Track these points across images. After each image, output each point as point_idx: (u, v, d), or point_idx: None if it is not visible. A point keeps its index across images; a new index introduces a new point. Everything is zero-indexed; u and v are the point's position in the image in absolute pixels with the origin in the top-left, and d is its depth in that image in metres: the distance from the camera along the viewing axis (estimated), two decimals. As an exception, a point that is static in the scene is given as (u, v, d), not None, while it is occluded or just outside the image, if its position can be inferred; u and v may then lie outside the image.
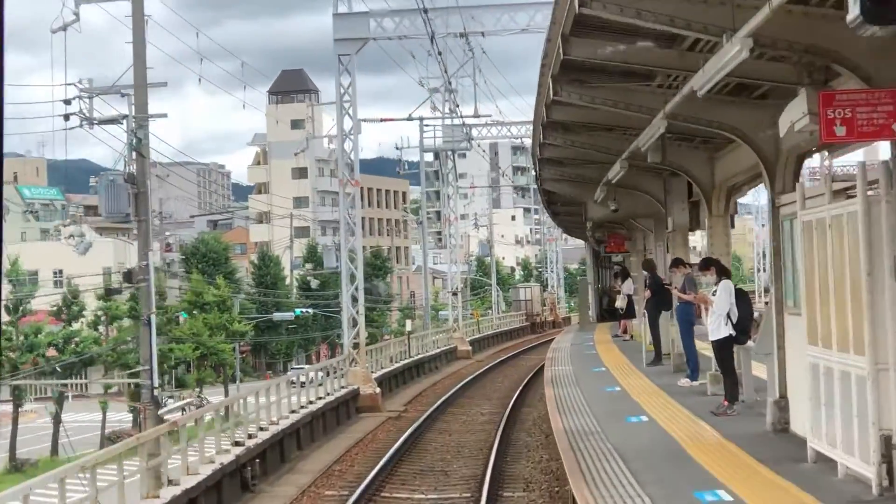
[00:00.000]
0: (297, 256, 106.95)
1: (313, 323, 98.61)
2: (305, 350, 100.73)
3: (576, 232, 46.62)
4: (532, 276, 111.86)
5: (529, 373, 44.19)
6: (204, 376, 73.93)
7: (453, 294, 52.35)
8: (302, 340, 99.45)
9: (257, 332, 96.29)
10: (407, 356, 42.91)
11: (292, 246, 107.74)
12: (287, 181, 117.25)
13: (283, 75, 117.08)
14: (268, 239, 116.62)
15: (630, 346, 32.70)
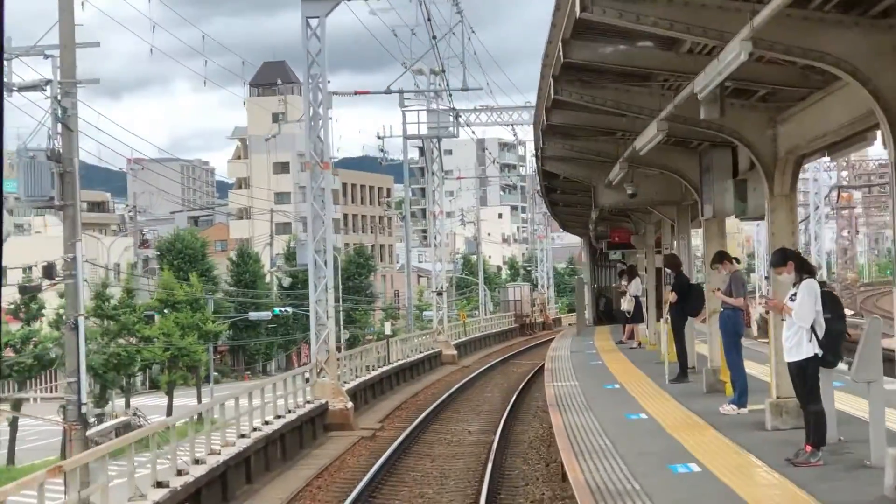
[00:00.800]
0: (277, 254, 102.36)
1: (294, 322, 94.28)
2: (286, 350, 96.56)
3: (573, 225, 41.98)
4: (519, 276, 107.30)
5: (521, 381, 39.65)
6: (176, 378, 69.17)
7: (438, 294, 47.73)
8: (282, 340, 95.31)
9: (236, 332, 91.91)
10: (386, 362, 38.26)
11: (272, 243, 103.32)
12: (268, 176, 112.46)
13: (265, 67, 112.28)
14: (248, 235, 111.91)
15: (639, 355, 28.15)
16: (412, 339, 43.42)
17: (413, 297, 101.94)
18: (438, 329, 47.04)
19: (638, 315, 30.64)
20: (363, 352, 35.78)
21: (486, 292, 71.90)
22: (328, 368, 27.78)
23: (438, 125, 45.58)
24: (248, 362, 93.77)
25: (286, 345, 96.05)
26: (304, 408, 26.27)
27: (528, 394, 36.10)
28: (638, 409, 17.17)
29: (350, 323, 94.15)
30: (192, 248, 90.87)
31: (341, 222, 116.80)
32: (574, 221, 38.80)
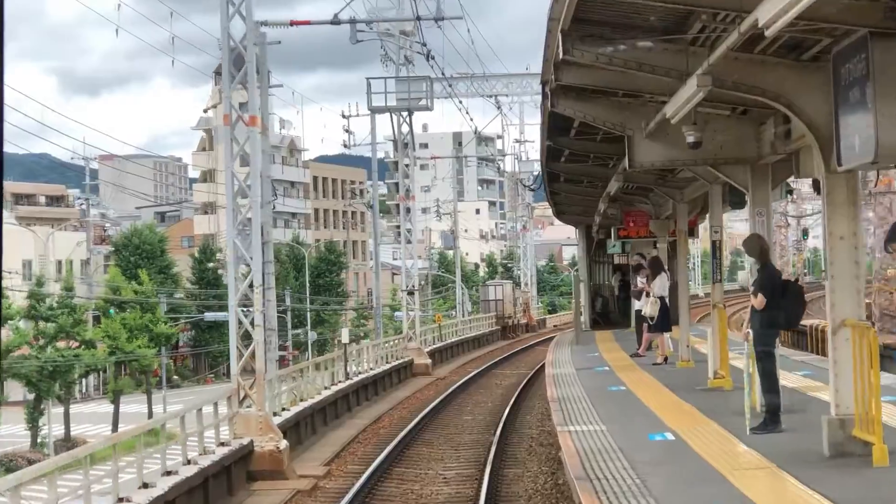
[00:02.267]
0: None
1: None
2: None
3: (572, 211, 34.23)
4: (497, 273, 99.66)
5: (509, 397, 32.10)
6: (122, 386, 61.32)
7: (409, 294, 40.06)
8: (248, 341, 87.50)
9: (199, 333, 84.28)
10: (345, 377, 30.57)
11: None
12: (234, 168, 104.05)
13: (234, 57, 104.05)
14: (212, 231, 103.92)
15: (672, 376, 20.60)
16: (378, 347, 35.65)
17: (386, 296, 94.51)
18: (409, 334, 39.36)
19: (664, 321, 23.11)
20: (313, 366, 27.99)
21: (463, 291, 64.22)
22: (254, 395, 20.02)
23: (409, 96, 37.98)
24: (212, 365, 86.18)
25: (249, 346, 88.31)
26: (220, 452, 18.54)
27: (518, 416, 28.55)
28: (729, 494, 9.61)
29: (319, 324, 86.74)
30: (149, 244, 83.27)
31: (312, 217, 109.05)
32: (576, 205, 31.18)
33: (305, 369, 27.38)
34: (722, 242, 18.15)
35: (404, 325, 39.60)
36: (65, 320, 56.44)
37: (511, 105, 49.76)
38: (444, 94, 38.66)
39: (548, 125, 16.70)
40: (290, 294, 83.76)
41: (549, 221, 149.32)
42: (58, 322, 56.15)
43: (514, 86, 38.86)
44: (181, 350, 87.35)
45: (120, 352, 61.45)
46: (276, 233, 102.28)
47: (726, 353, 17.79)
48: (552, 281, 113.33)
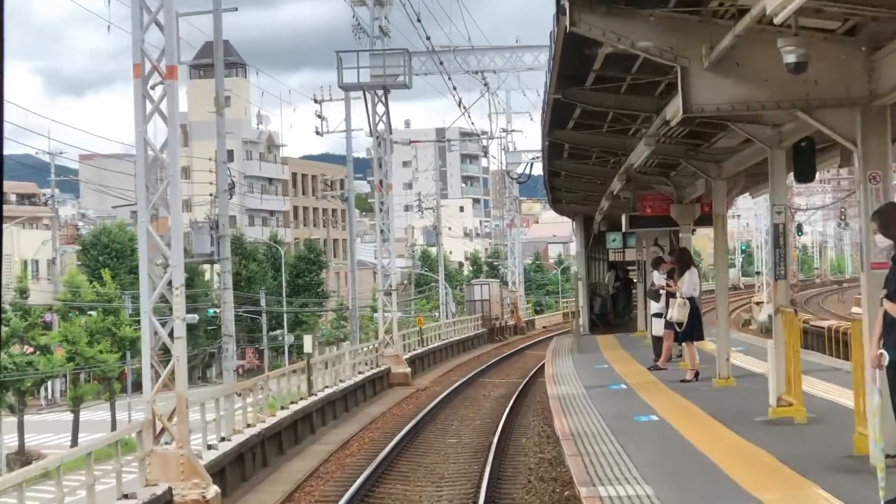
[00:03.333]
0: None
1: (238, 322, 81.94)
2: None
3: (572, 199, 29.23)
4: (482, 272, 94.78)
5: (499, 413, 27.36)
6: (82, 393, 56.31)
7: (386, 294, 35.15)
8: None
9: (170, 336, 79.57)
10: (308, 393, 25.71)
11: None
12: (210, 165, 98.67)
13: (207, 47, 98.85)
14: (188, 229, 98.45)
15: (714, 399, 15.89)
16: (349, 355, 30.70)
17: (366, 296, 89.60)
18: (386, 339, 34.47)
19: (695, 327, 18.37)
20: (262, 384, 23.08)
21: (447, 291, 59.34)
22: (174, 428, 15.10)
23: (385, 71, 33.12)
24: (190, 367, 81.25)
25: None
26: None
27: (511, 436, 23.77)
28: None
29: (297, 325, 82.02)
30: (119, 243, 78.30)
31: (290, 215, 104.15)
32: (577, 190, 26.21)
33: (258, 386, 22.49)
34: (786, 227, 13.38)
35: (380, 330, 34.74)
36: (17, 323, 51.63)
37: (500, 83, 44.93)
38: (425, 71, 33.88)
39: (559, 63, 11.82)
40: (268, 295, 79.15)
41: (534, 219, 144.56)
42: (9, 325, 51.24)
43: (503, 59, 34.08)
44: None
45: (80, 357, 56.72)
46: (253, 231, 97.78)
47: (798, 372, 13.03)
48: (538, 280, 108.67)
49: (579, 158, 21.13)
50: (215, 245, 30.80)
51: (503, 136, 56.20)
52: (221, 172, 30.89)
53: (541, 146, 20.96)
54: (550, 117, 16.14)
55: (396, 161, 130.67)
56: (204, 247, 31.03)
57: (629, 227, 22.26)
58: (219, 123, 30.62)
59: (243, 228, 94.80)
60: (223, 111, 30.80)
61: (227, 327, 30.78)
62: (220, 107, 30.69)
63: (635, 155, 15.41)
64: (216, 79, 30.79)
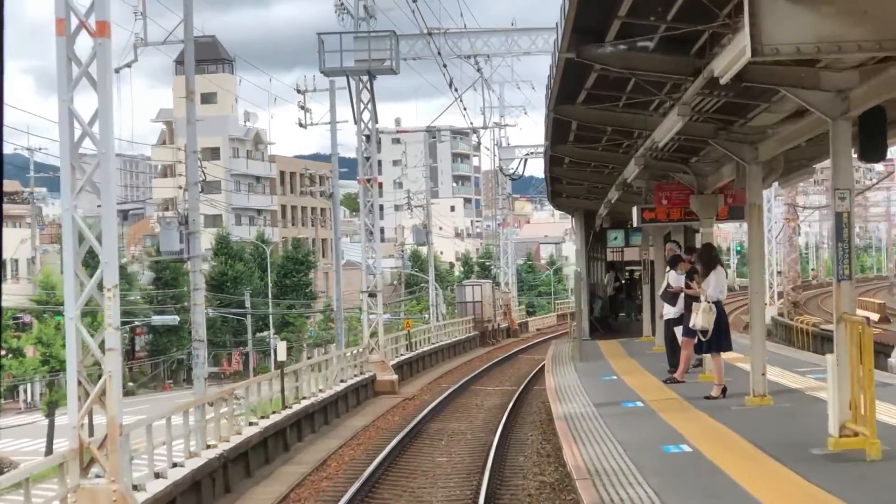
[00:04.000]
0: (206, 248, 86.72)
1: (223, 324, 79.32)
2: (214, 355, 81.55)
3: (574, 192, 26.46)
4: (473, 273, 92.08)
5: (493, 425, 24.74)
6: (57, 398, 53.55)
7: (370, 296, 32.41)
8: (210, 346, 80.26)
9: (156, 337, 76.86)
10: (282, 405, 22.98)
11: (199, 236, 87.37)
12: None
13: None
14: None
15: (753, 422, 13.23)
16: (331, 362, 27.92)
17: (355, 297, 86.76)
18: (371, 344, 31.75)
19: (723, 336, 15.74)
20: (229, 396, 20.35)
21: (437, 292, 56.63)
22: (105, 459, 12.37)
23: (370, 56, 30.41)
24: (172, 370, 78.68)
25: (214, 350, 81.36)
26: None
27: (508, 453, 21.11)
28: None
29: (284, 327, 79.39)
30: (101, 242, 75.39)
31: (278, 214, 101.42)
32: (581, 180, 23.44)
33: (222, 400, 19.78)
34: (852, 216, 10.74)
35: (364, 334, 32.02)
36: (-13, 326, 48.81)
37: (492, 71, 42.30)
38: (414, 55, 31.16)
39: (576, 6, 9.22)
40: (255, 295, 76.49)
41: (525, 220, 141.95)
42: (-20, 328, 48.52)
43: (498, 42, 31.36)
44: (138, 355, 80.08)
45: (55, 360, 53.97)
46: (240, 230, 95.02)
47: (871, 396, 10.37)
48: (530, 281, 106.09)
49: (587, 142, 18.44)
50: (184, 242, 28.09)
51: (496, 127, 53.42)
52: (191, 163, 28.13)
53: (544, 124, 18.27)
54: (559, 85, 13.45)
55: (387, 160, 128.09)
56: (172, 244, 28.29)
57: (641, 221, 19.60)
58: (189, 110, 27.88)
59: (230, 227, 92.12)
60: (193, 96, 28.04)
61: (198, 331, 27.98)
62: (189, 92, 27.94)
63: (661, 131, 12.76)
64: (185, 62, 28.03)
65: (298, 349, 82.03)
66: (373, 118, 31.42)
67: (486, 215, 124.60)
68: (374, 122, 31.45)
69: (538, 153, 54.63)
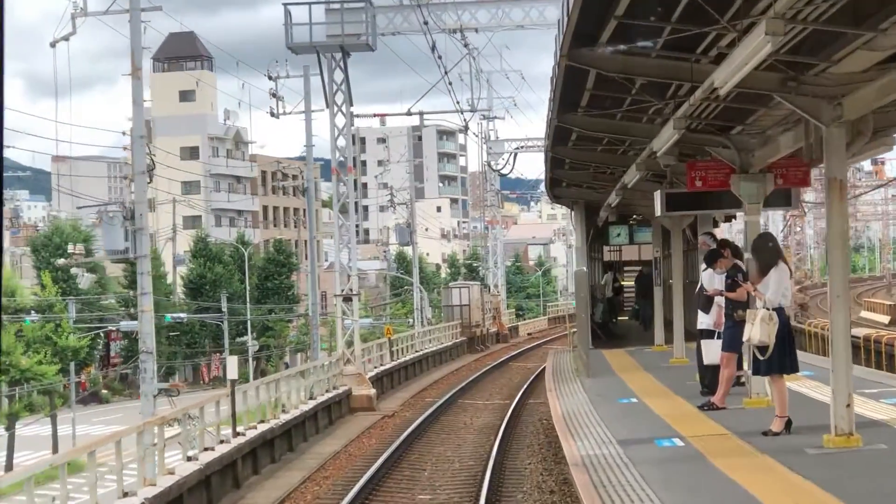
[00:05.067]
0: (185, 250, 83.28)
1: (202, 329, 75.44)
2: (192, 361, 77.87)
3: (575, 173, 22.38)
4: (460, 275, 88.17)
5: (485, 451, 21.00)
6: (18, 410, 49.58)
7: (345, 300, 28.42)
8: (187, 351, 76.56)
9: (131, 342, 73.11)
10: (233, 433, 19.04)
11: (175, 237, 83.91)
12: (175, 162, 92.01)
13: (171, 39, 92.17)
14: (152, 230, 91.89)
15: (853, 476, 9.38)
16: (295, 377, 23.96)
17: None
18: (347, 355, 27.83)
19: (787, 352, 11.91)
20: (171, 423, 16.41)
21: (423, 295, 52.71)
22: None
23: (343, 29, 26.52)
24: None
25: (193, 355, 77.60)
26: None
27: (503, 494, 17.30)
28: None
29: (262, 332, 75.55)
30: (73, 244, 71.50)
31: (260, 215, 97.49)
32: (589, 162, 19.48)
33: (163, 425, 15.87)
34: None
35: (339, 343, 28.07)
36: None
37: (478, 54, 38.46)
38: (392, 30, 27.28)
39: None
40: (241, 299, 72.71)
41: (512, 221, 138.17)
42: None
43: (487, 15, 27.46)
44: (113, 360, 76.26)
45: (14, 369, 50.13)
46: (220, 232, 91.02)
47: None
48: (518, 282, 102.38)
49: (602, 110, 14.59)
50: (130, 239, 24.21)
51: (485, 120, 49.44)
52: (137, 149, 24.25)
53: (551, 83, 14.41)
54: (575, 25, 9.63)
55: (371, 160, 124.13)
56: (116, 242, 24.41)
57: (666, 210, 15.72)
58: (134, 87, 23.98)
59: (210, 229, 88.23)
60: (140, 73, 24.11)
61: (145, 342, 24.15)
62: (135, 69, 24.02)
63: (724, 74, 8.93)
64: (131, 35, 24.08)
65: (279, 355, 78.18)
66: (347, 101, 27.53)
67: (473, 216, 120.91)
68: (348, 105, 27.56)
69: (529, 148, 50.91)
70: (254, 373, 74.09)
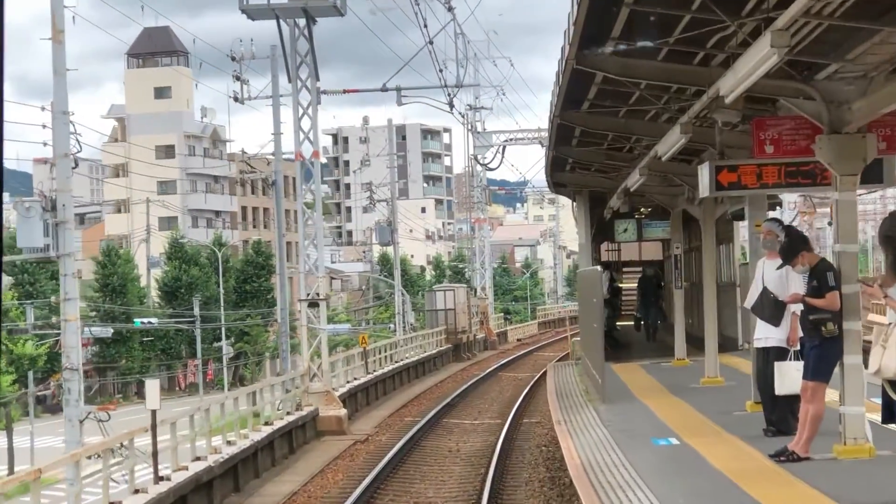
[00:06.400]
0: (161, 252, 79.12)
1: (177, 334, 71.26)
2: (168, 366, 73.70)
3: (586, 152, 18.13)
4: (445, 277, 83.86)
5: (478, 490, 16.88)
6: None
7: (310, 305, 24.09)
8: (163, 356, 72.48)
9: (103, 347, 69.01)
10: (156, 478, 14.77)
11: (149, 239, 79.63)
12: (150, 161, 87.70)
13: (146, 33, 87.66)
14: (126, 231, 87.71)
15: None
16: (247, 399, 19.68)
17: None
18: (313, 370, 23.58)
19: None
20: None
21: (405, 298, 48.46)
22: None
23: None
24: (123, 383, 70.58)
25: (168, 360, 73.43)
26: None
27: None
28: None
29: (239, 337, 71.36)
30: (39, 247, 66.76)
31: (238, 216, 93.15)
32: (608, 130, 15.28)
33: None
34: None
35: (304, 355, 23.79)
36: None
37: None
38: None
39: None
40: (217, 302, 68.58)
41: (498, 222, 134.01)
42: None
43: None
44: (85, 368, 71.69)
45: (-38, 380, 45.78)
46: (196, 233, 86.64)
47: None
48: (505, 284, 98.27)
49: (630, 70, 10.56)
50: (51, 235, 19.99)
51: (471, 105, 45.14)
52: (60, 128, 19.99)
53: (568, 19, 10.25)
54: None
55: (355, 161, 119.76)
56: (34, 238, 20.20)
57: (715, 188, 11.55)
58: (55, 53, 19.73)
59: (186, 230, 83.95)
60: (61, 37, 19.85)
61: (70, 358, 19.93)
62: (56, 31, 19.78)
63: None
64: None
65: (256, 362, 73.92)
66: (312, 75, 23.32)
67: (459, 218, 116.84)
68: (314, 80, 23.36)
69: (519, 140, 46.79)
70: (232, 379, 69.98)
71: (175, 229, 79.26)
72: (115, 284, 68.22)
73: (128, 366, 68.68)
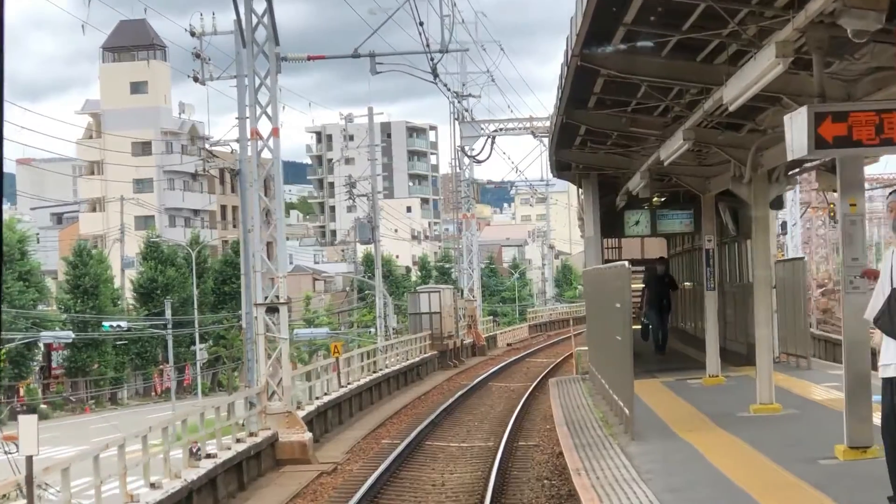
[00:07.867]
0: (137, 252, 75.38)
1: (152, 338, 67.55)
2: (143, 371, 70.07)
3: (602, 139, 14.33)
4: (431, 278, 79.93)
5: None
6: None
7: (269, 310, 20.23)
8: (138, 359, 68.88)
9: (74, 352, 65.37)
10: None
11: (123, 238, 75.77)
12: (126, 158, 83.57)
13: (122, 27, 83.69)
14: (101, 231, 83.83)
15: None
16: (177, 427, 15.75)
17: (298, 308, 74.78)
18: (272, 388, 19.68)
19: None
20: None
21: (386, 300, 44.53)
22: None
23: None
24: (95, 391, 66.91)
25: (143, 365, 69.83)
26: None
27: None
28: None
29: (215, 341, 67.66)
30: (6, 245, 63.34)
31: (217, 215, 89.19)
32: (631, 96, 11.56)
33: None
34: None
35: (261, 369, 19.88)
36: None
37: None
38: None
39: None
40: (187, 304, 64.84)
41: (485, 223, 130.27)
42: None
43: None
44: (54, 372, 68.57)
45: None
46: (174, 233, 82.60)
47: None
48: (493, 285, 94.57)
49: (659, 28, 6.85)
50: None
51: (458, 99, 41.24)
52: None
53: None
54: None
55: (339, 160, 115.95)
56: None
57: (814, 145, 7.77)
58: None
59: (163, 230, 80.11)
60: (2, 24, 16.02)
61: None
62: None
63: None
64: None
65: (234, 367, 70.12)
66: (271, 38, 19.49)
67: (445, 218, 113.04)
68: (272, 45, 19.53)
69: (509, 130, 43.00)
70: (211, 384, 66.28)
71: (151, 228, 75.43)
72: (87, 286, 64.61)
73: (101, 370, 65.17)
